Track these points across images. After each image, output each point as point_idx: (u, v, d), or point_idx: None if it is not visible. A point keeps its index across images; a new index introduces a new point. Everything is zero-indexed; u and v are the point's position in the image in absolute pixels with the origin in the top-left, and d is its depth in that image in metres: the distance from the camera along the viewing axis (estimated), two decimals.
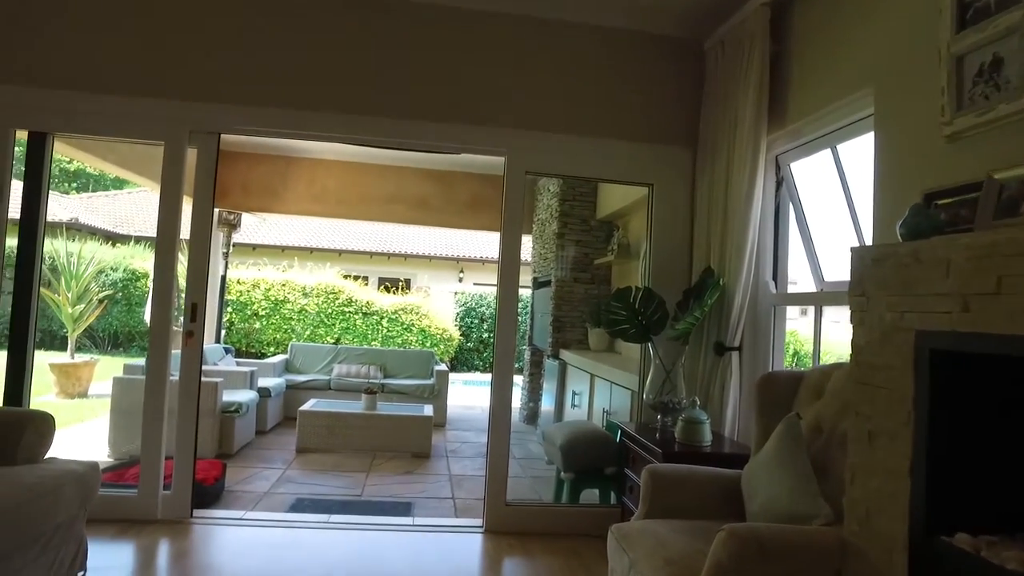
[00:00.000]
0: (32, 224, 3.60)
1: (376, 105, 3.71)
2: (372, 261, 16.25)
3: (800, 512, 2.03)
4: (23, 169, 3.63)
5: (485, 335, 14.74)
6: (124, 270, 11.74)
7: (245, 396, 5.67)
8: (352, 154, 7.27)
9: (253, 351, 12.41)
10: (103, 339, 11.80)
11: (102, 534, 3.33)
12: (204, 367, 6.01)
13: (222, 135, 3.70)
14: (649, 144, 3.88)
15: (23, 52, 3.51)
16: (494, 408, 3.79)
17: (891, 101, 2.44)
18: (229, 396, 5.45)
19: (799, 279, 3.53)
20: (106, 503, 3.50)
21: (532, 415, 7.69)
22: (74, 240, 9.54)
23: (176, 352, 3.73)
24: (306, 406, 5.94)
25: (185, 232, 3.71)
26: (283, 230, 16.19)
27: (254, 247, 15.13)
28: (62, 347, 8.04)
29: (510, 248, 3.82)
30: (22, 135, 3.61)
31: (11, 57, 3.50)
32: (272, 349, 11.77)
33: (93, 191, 18.24)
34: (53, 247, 9.20)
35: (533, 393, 7.79)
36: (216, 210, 7.46)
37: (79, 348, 11.31)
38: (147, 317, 8.58)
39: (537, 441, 6.74)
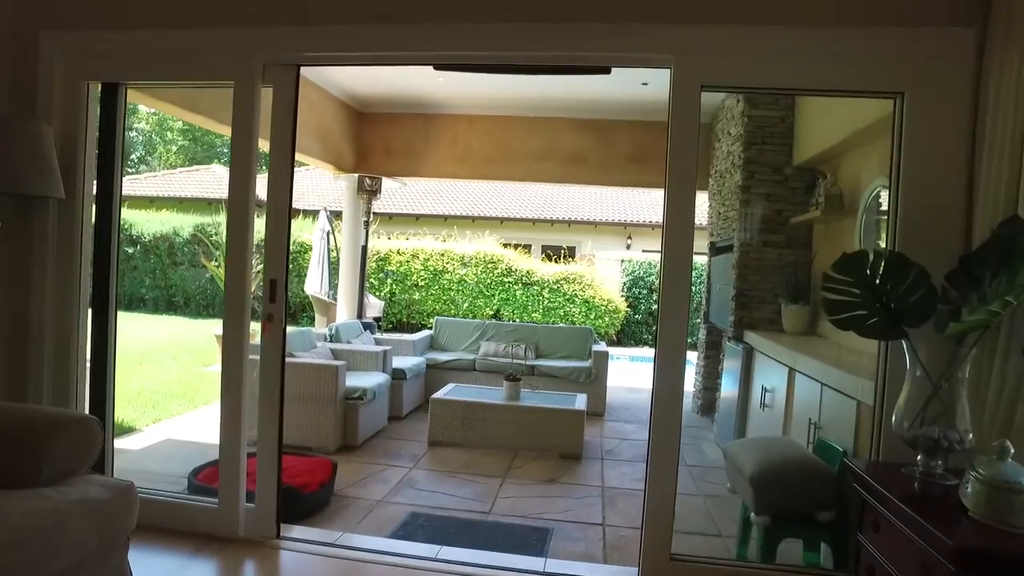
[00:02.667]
0: (108, 187, 3.15)
1: (488, 7, 2.73)
2: (535, 228, 15.55)
3: None
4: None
5: (654, 307, 13.43)
6: (293, 243, 12.04)
7: (373, 380, 5.06)
8: (497, 107, 6.51)
9: (414, 323, 12.25)
10: None
11: (181, 549, 2.84)
12: (335, 346, 5.56)
13: (311, 68, 2.96)
14: (896, 28, 2.48)
15: None
16: (655, 430, 2.68)
17: None
18: (354, 380, 4.87)
19: None
20: (189, 514, 3.02)
21: (708, 405, 6.43)
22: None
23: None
24: (439, 393, 5.22)
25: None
26: (443, 199, 16.01)
27: (417, 217, 15.07)
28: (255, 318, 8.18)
29: (680, 194, 2.65)
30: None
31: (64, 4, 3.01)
32: (432, 321, 11.53)
33: None
34: (214, 221, 9.58)
35: (709, 380, 6.50)
36: (355, 176, 7.07)
37: (254, 317, 11.85)
38: (307, 288, 8.52)
39: (714, 441, 5.52)
